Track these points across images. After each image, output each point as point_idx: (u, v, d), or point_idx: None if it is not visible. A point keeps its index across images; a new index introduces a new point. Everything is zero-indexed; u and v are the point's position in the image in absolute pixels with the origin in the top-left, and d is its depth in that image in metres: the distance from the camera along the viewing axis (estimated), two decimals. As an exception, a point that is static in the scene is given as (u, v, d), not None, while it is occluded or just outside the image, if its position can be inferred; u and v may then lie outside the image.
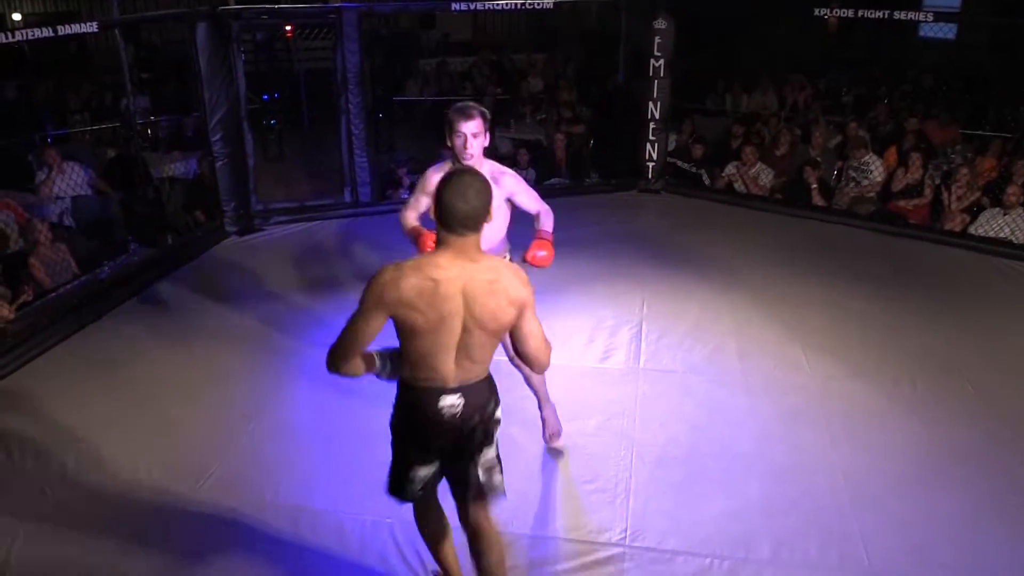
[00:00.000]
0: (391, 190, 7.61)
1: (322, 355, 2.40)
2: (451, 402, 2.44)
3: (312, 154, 9.03)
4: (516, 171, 3.69)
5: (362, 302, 2.35)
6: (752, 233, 6.85)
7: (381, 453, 2.68)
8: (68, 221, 6.65)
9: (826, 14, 7.26)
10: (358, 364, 2.44)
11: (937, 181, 6.99)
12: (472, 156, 3.34)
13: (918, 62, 10.50)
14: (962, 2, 11.32)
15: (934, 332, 5.03)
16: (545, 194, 3.70)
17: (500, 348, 2.59)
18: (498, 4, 7.63)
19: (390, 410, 2.57)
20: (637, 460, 3.79)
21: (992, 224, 6.44)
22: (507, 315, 2.38)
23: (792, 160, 7.72)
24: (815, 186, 7.29)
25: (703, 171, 8.02)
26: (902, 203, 7.03)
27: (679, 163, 8.11)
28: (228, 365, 4.71)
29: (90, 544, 3.31)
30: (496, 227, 3.51)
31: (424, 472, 2.59)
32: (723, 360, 4.73)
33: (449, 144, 3.38)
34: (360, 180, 7.25)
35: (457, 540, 2.85)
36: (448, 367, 2.41)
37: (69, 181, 6.75)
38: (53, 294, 5.31)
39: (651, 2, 7.46)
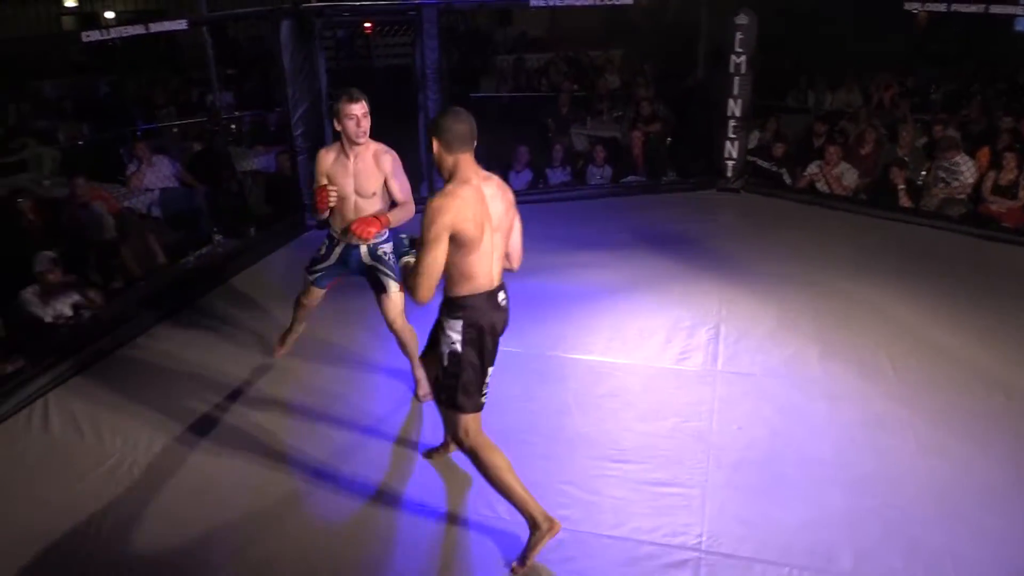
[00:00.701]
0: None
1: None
2: (503, 296, 2.95)
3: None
4: (592, 168, 3.73)
5: (432, 234, 2.69)
6: (835, 235, 6.66)
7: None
8: (156, 212, 6.90)
9: (916, 9, 7.00)
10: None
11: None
12: (364, 134, 3.70)
13: (1013, 57, 10.06)
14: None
15: (1029, 340, 4.82)
16: (622, 192, 3.68)
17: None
18: (577, 1, 7.57)
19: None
20: (714, 464, 3.73)
21: (1093, 228, 6.15)
22: (510, 216, 2.91)
23: (878, 159, 7.49)
24: (902, 187, 7.06)
25: (784, 170, 7.84)
26: (995, 205, 6.75)
27: (759, 162, 7.95)
28: (311, 352, 4.78)
29: (171, 521, 3.42)
30: (378, 207, 3.93)
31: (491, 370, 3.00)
32: (803, 364, 4.61)
33: (339, 128, 3.72)
34: (436, 175, 7.29)
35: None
36: (495, 270, 2.89)
37: (158, 174, 7.00)
38: (142, 282, 5.50)
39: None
